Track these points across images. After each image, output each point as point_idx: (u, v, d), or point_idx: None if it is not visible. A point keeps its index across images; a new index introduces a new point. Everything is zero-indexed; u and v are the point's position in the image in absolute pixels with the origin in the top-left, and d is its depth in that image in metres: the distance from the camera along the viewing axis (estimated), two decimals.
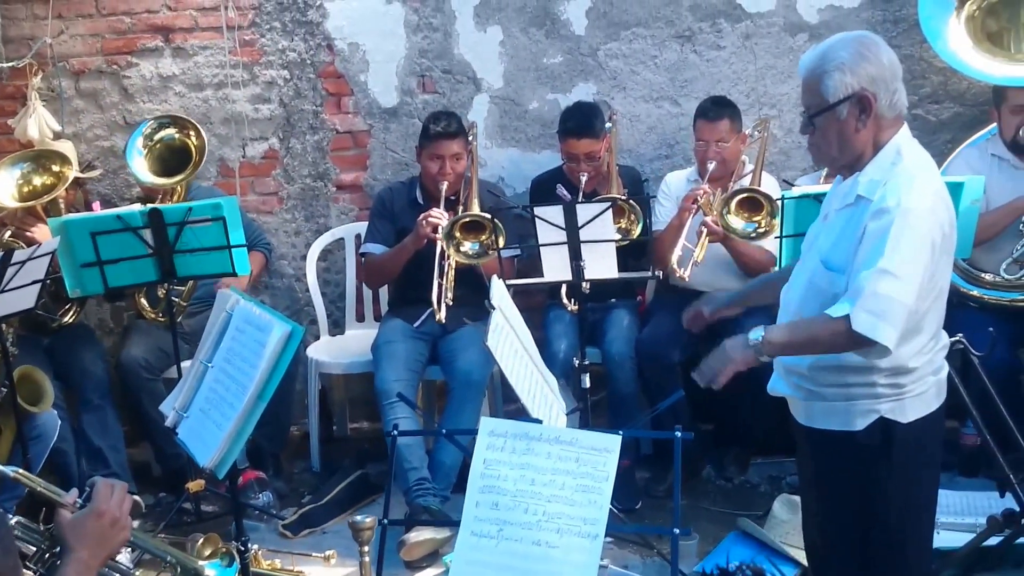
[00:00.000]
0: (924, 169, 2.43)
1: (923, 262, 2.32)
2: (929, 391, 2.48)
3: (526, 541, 2.10)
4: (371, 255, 4.46)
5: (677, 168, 4.64)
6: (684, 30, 4.68)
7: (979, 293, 4.19)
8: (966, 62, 4.26)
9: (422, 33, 4.80)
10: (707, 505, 4.18)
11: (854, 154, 2.45)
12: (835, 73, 2.38)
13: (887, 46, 2.43)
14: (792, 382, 2.57)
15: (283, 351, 2.36)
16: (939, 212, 2.37)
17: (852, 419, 2.47)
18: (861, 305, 2.29)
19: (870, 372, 2.41)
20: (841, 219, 2.46)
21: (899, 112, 2.44)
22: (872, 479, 2.48)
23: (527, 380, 2.81)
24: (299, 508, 4.21)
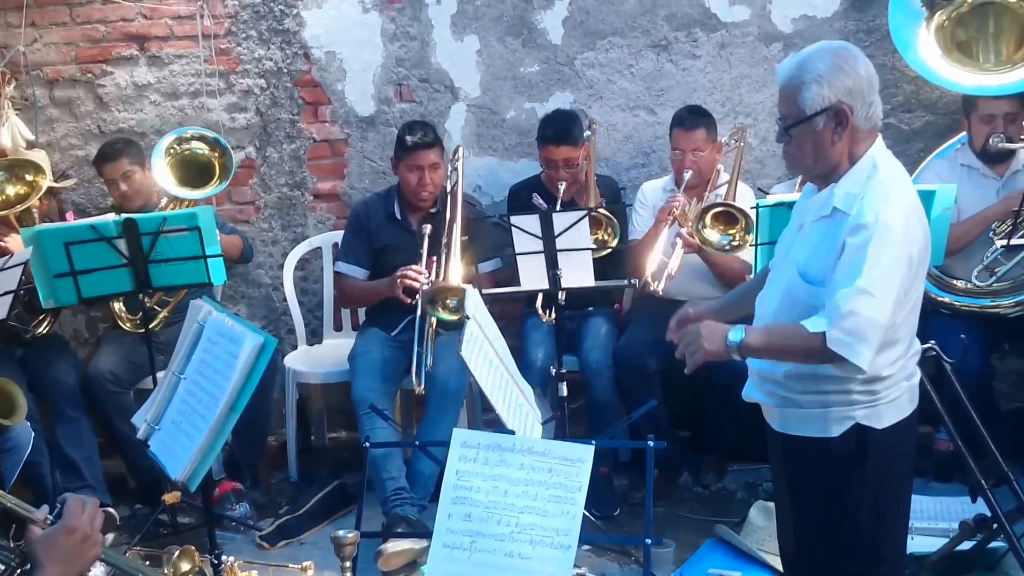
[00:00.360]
0: (899, 182, 2.45)
1: (899, 278, 2.33)
2: (903, 396, 2.50)
3: (499, 552, 2.10)
4: (346, 280, 4.45)
5: (653, 177, 4.65)
6: (660, 39, 4.70)
7: (951, 300, 4.22)
8: (936, 72, 4.30)
9: (399, 42, 4.81)
10: (684, 512, 4.19)
11: (829, 165, 2.46)
12: (812, 85, 2.39)
13: (864, 58, 2.44)
14: (767, 389, 2.58)
15: (255, 363, 2.35)
16: (915, 226, 2.39)
17: (827, 426, 2.48)
18: (838, 324, 2.30)
19: (846, 380, 2.43)
20: (817, 231, 2.47)
21: (875, 124, 2.46)
22: (847, 485, 2.49)
23: (502, 390, 2.81)
24: (276, 519, 4.19)
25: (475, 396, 4.47)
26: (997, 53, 4.38)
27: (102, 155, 4.45)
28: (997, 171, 4.23)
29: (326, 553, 3.84)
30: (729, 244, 4.07)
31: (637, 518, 4.13)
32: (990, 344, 4.22)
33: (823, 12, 4.59)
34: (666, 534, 3.85)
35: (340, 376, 4.49)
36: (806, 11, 4.60)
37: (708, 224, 4.08)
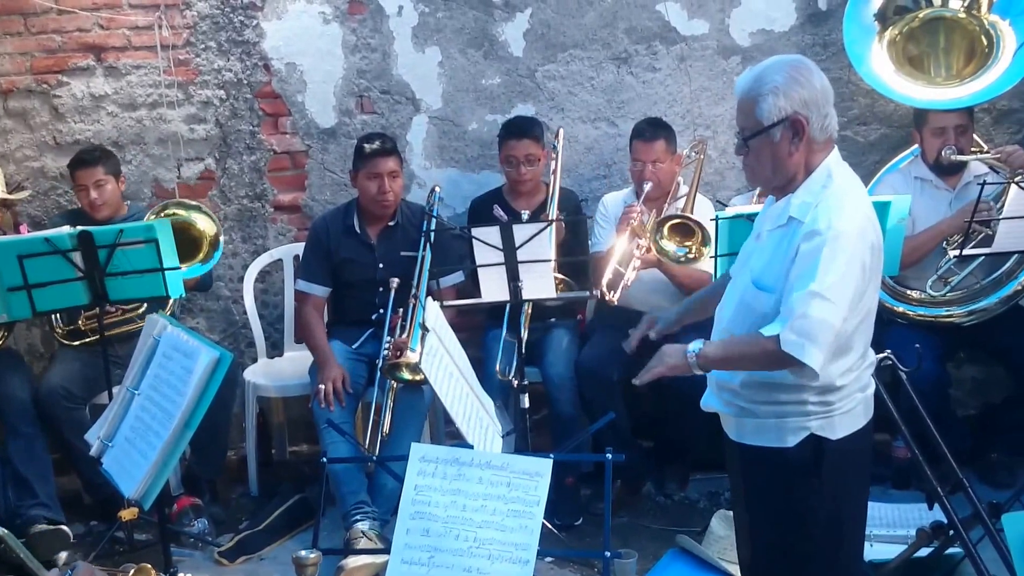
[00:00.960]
0: (853, 191, 2.49)
1: (853, 284, 2.36)
2: (857, 408, 2.53)
3: (457, 568, 2.09)
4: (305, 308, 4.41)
5: (615, 189, 4.68)
6: (620, 52, 4.72)
7: (907, 310, 4.28)
8: (889, 85, 4.37)
9: (360, 53, 4.79)
10: (647, 522, 4.20)
11: (787, 176, 2.49)
12: (769, 97, 2.43)
13: (819, 71, 2.48)
14: (724, 398, 2.60)
15: (211, 378, 2.33)
16: (868, 234, 2.42)
17: (783, 436, 2.50)
18: (791, 327, 2.33)
19: (801, 390, 2.45)
20: (773, 240, 2.50)
21: (830, 135, 2.49)
22: (803, 495, 2.51)
23: (462, 403, 2.81)
24: (236, 534, 4.14)
25: (438, 409, 4.46)
26: (948, 67, 4.47)
27: (78, 160, 4.40)
28: (949, 183, 4.29)
29: (287, 569, 3.77)
30: (685, 256, 4.10)
31: (600, 528, 4.05)
32: (945, 353, 4.28)
33: (780, 26, 4.65)
34: (629, 544, 3.85)
35: (301, 389, 4.46)
36: (763, 25, 4.65)
37: (665, 235, 4.11)
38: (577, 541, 4.06)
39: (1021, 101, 4.56)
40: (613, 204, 4.49)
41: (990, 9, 4.32)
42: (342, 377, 4.15)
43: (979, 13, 4.35)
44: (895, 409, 3.16)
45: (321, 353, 4.27)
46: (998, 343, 4.28)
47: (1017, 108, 4.60)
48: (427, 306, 2.93)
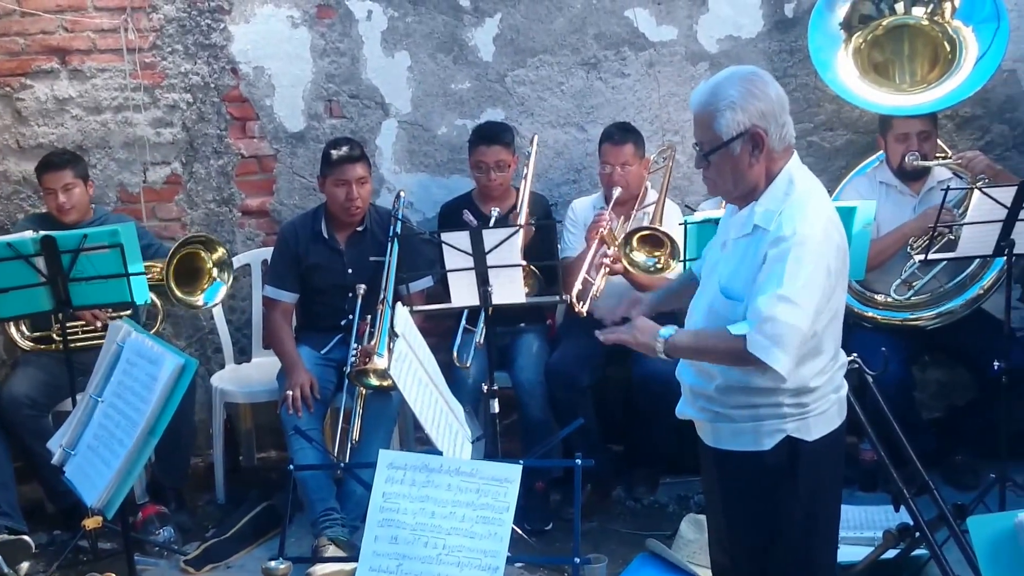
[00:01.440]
0: (815, 196, 2.50)
1: (819, 287, 2.38)
2: (831, 409, 2.55)
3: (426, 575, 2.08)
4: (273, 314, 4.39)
5: (584, 193, 4.69)
6: (590, 58, 4.74)
7: (872, 314, 4.32)
8: (854, 92, 4.40)
9: (329, 58, 4.77)
10: (617, 527, 4.20)
11: (748, 187, 2.51)
12: (727, 112, 2.43)
13: (774, 81, 2.49)
14: (699, 405, 2.61)
15: (176, 385, 2.30)
16: (832, 237, 2.44)
17: (759, 439, 2.51)
18: (758, 329, 2.35)
19: (776, 393, 2.46)
20: (739, 248, 2.51)
21: (788, 143, 2.51)
22: (779, 497, 2.53)
23: (431, 409, 2.79)
24: (202, 542, 4.10)
25: (408, 415, 4.44)
26: (912, 74, 4.51)
27: (46, 163, 4.34)
28: (914, 188, 4.34)
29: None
30: (654, 266, 4.12)
31: (570, 532, 4.04)
32: (911, 356, 4.33)
33: (747, 33, 4.67)
34: (599, 548, 3.86)
35: (269, 395, 4.43)
36: (731, 32, 4.68)
37: (635, 246, 4.13)
38: (547, 546, 4.05)
39: (983, 107, 4.62)
40: (582, 209, 4.50)
41: (953, 16, 4.37)
42: (310, 383, 4.12)
43: (942, 20, 4.40)
44: (862, 412, 3.19)
45: (289, 359, 4.24)
46: (962, 346, 4.33)
47: (979, 114, 4.65)
48: (397, 311, 2.91)
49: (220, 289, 4.29)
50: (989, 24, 4.31)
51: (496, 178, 4.39)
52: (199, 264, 4.26)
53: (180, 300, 4.18)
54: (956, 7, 4.36)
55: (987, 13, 4.31)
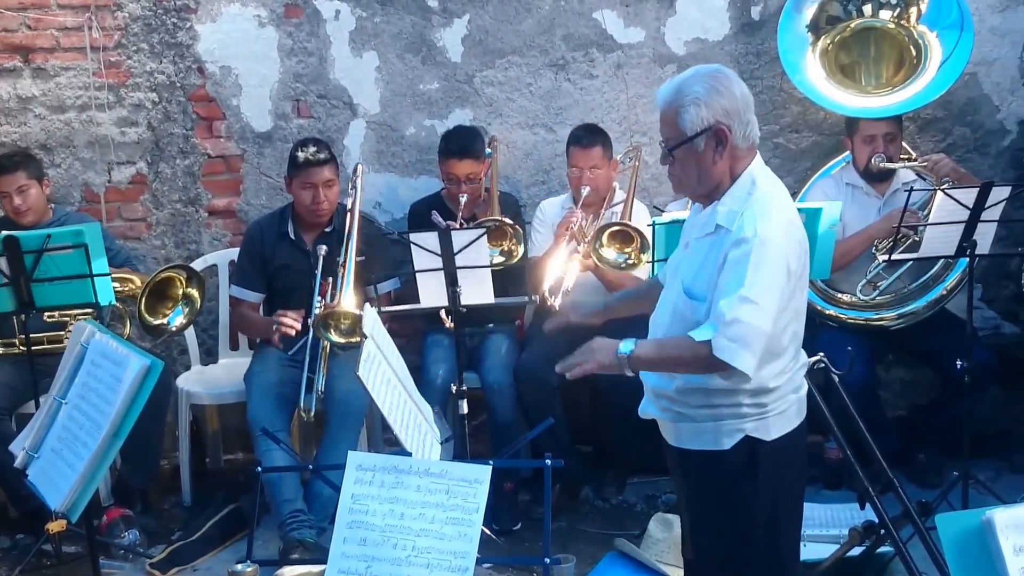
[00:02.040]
0: (777, 197, 2.53)
1: (780, 288, 2.40)
2: (790, 409, 2.57)
3: None
4: (239, 306, 4.38)
5: (553, 194, 4.69)
6: (558, 59, 4.75)
7: (837, 313, 4.36)
8: (821, 94, 4.44)
9: (296, 57, 4.75)
10: (585, 526, 4.21)
11: (712, 184, 2.52)
12: (691, 107, 2.45)
13: (739, 80, 2.52)
14: (661, 405, 2.62)
15: (141, 386, 2.27)
16: (793, 238, 2.46)
17: (719, 439, 2.53)
18: (722, 332, 2.36)
19: (735, 393, 2.48)
20: (702, 248, 2.53)
21: (752, 143, 2.53)
22: (740, 496, 2.54)
23: (400, 410, 2.78)
24: (168, 545, 4.07)
25: (376, 416, 4.43)
26: (877, 76, 4.56)
27: None
28: (879, 190, 4.39)
29: None
30: (625, 262, 4.14)
31: (539, 532, 4.12)
32: (875, 355, 4.38)
33: (715, 36, 4.71)
34: (567, 548, 3.86)
35: (236, 397, 4.40)
36: (698, 34, 4.71)
37: (605, 243, 4.14)
38: (516, 546, 4.06)
39: (945, 110, 4.68)
40: (551, 210, 4.51)
41: (919, 20, 4.42)
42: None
43: (908, 24, 4.44)
44: (827, 411, 3.22)
45: (264, 322, 4.24)
46: (925, 346, 4.38)
47: (941, 117, 4.72)
48: (365, 311, 2.90)
49: (178, 318, 4.22)
50: (953, 30, 4.36)
51: (467, 189, 4.37)
52: (172, 290, 4.20)
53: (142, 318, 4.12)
54: (922, 12, 4.41)
55: (952, 20, 4.37)
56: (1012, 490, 4.09)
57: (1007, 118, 4.77)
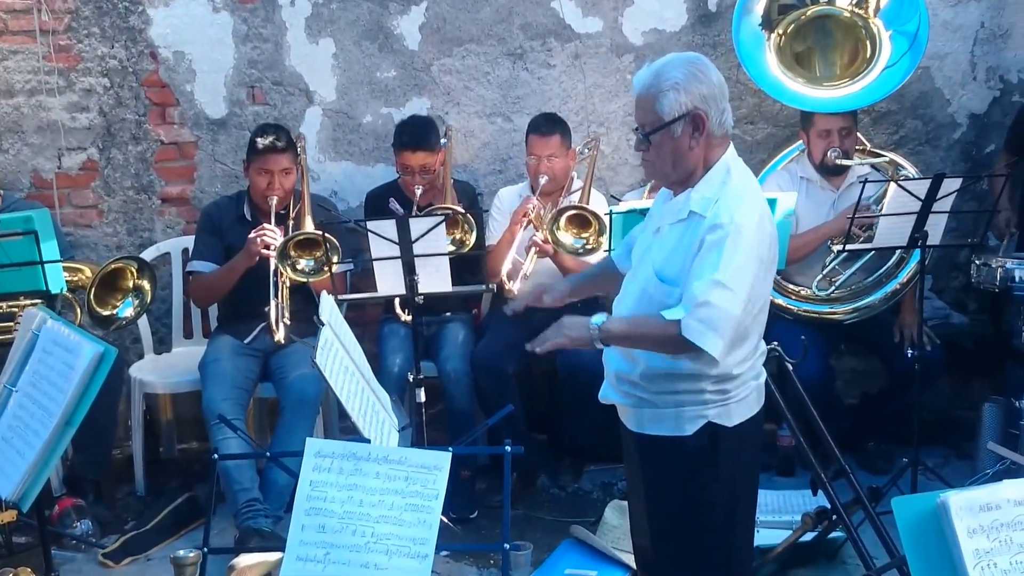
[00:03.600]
0: (751, 187, 2.56)
1: (752, 275, 2.43)
2: (751, 395, 2.60)
3: (354, 564, 2.06)
4: (199, 274, 4.33)
5: (510, 183, 4.70)
6: (516, 48, 4.74)
7: (791, 305, 4.40)
8: (777, 87, 4.43)
9: (251, 43, 4.70)
10: (542, 514, 4.23)
11: (687, 171, 2.54)
12: (670, 92, 2.47)
13: (715, 67, 2.54)
14: (623, 390, 2.63)
15: (94, 374, 2.24)
16: (765, 228, 2.49)
17: (681, 424, 2.55)
18: (693, 313, 2.38)
19: (699, 379, 2.50)
20: (675, 234, 2.54)
21: (726, 131, 2.55)
22: (700, 481, 2.57)
23: (357, 398, 2.78)
24: (121, 535, 4.02)
25: (331, 404, 4.41)
26: (831, 65, 4.55)
27: None
28: (834, 183, 4.43)
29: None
30: (583, 247, 4.15)
31: (495, 520, 4.15)
32: (828, 346, 4.42)
33: (672, 26, 4.73)
34: (524, 536, 3.88)
35: (190, 385, 4.36)
36: (655, 25, 4.73)
37: (562, 227, 4.15)
38: (473, 534, 4.06)
39: (898, 103, 4.74)
40: (508, 198, 4.51)
41: (876, 14, 4.40)
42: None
43: (866, 14, 4.42)
44: (782, 399, 3.27)
45: (229, 263, 4.20)
46: (876, 336, 4.44)
47: (894, 110, 4.79)
48: (322, 299, 2.88)
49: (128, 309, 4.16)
50: (905, 39, 4.36)
51: (421, 180, 4.36)
52: (122, 281, 4.14)
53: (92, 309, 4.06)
54: (881, 6, 4.39)
55: (909, 28, 4.36)
56: (960, 476, 4.16)
57: (958, 111, 4.85)
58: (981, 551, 1.64)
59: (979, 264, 4.14)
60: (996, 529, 1.65)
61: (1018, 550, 1.64)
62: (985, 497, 1.66)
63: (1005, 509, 1.66)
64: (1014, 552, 1.64)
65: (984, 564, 1.63)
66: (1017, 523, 1.65)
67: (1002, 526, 1.65)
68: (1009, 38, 4.79)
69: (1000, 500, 1.66)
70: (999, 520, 1.65)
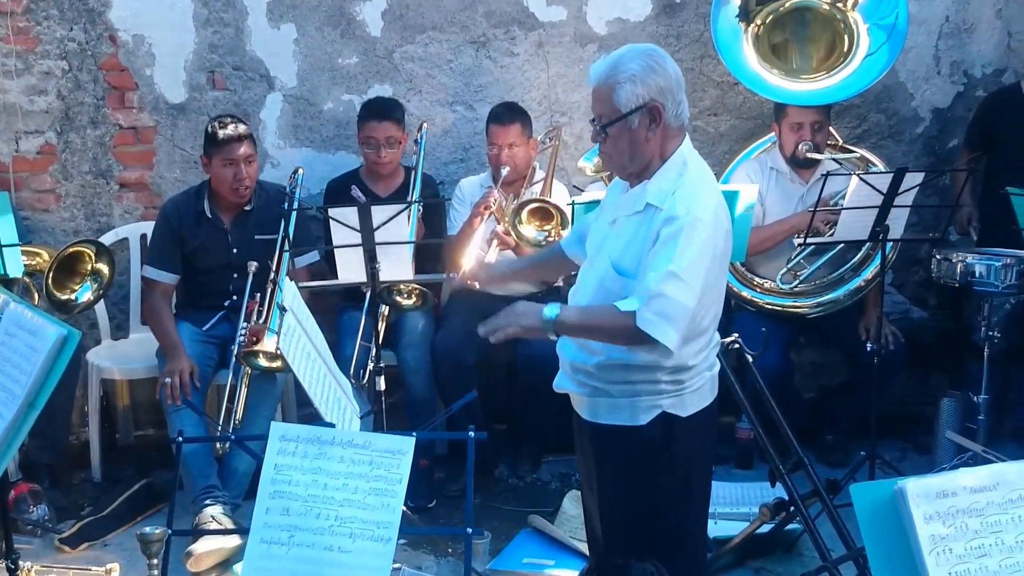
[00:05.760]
0: (706, 180, 2.58)
1: (706, 268, 2.45)
2: (705, 386, 2.63)
3: (318, 547, 2.07)
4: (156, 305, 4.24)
5: (472, 173, 4.69)
6: (479, 36, 4.74)
7: (754, 297, 4.42)
8: (754, 79, 4.42)
9: (212, 28, 4.65)
10: (500, 504, 4.24)
11: (644, 162, 2.56)
12: (627, 84, 2.48)
13: (672, 59, 2.55)
14: (578, 379, 2.65)
15: (58, 357, 2.22)
16: (721, 222, 2.52)
17: (636, 414, 2.57)
18: (648, 305, 2.40)
19: (654, 370, 2.52)
20: (630, 225, 2.56)
21: (683, 123, 2.57)
22: (654, 471, 2.59)
23: (320, 384, 2.78)
24: (78, 520, 3.99)
25: (291, 394, 4.39)
26: (808, 57, 4.56)
27: None
28: (803, 176, 4.45)
29: (131, 555, 3.69)
30: (545, 239, 4.15)
31: (453, 510, 4.16)
32: (789, 341, 4.46)
33: (636, 16, 4.75)
34: (482, 525, 3.87)
35: (147, 372, 4.33)
36: (620, 14, 4.75)
37: (524, 220, 4.15)
38: (431, 523, 4.07)
39: (861, 97, 4.75)
40: (470, 188, 4.51)
41: (855, 7, 4.42)
42: (190, 369, 4.01)
43: (844, 8, 4.43)
44: (741, 391, 3.30)
45: (169, 342, 4.11)
46: (836, 329, 4.48)
47: (857, 104, 4.83)
48: (284, 286, 2.87)
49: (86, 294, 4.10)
50: (883, 32, 4.38)
51: (386, 155, 4.36)
52: (80, 265, 4.09)
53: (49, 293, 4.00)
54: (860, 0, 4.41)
55: (887, 22, 4.38)
56: (917, 469, 4.22)
57: (921, 106, 4.92)
58: (937, 537, 1.66)
59: (940, 259, 4.19)
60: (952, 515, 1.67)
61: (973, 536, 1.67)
62: (942, 484, 1.69)
63: (961, 496, 1.69)
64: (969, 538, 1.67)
65: (940, 550, 1.66)
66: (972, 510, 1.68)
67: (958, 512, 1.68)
68: (974, 32, 4.86)
69: (956, 487, 1.69)
70: (955, 507, 1.68)
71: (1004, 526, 1.69)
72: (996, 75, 4.93)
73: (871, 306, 4.39)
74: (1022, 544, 1.69)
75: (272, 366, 3.92)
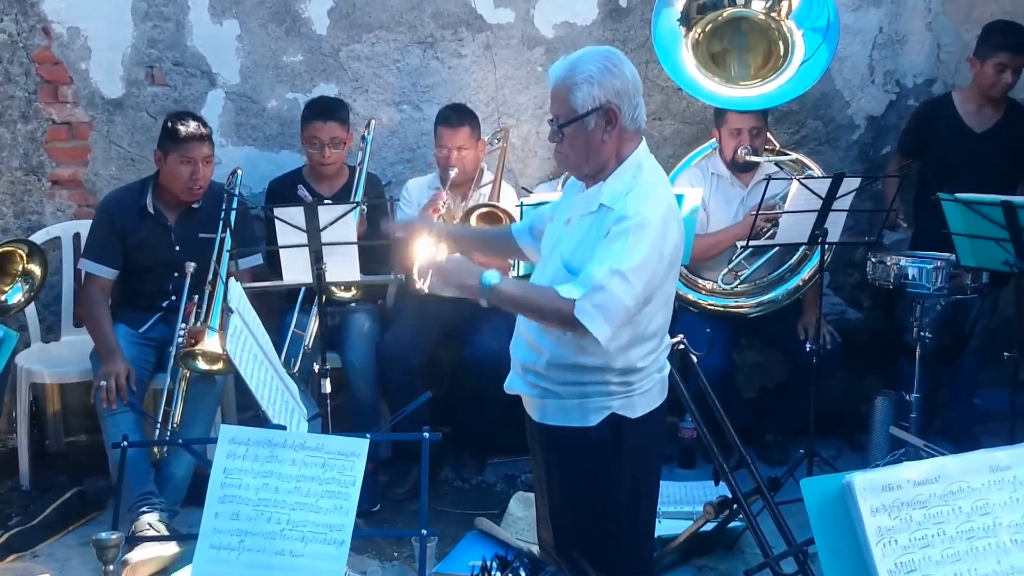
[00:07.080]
0: (660, 183, 2.59)
1: (652, 270, 2.45)
2: (654, 388, 2.64)
3: (269, 551, 2.01)
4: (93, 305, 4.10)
5: (419, 173, 4.66)
6: (427, 36, 4.70)
7: (697, 299, 4.48)
8: (693, 84, 4.48)
9: (152, 22, 4.54)
10: (446, 507, 4.20)
11: (599, 163, 2.56)
12: (584, 85, 2.48)
13: (629, 62, 2.56)
14: (529, 380, 2.64)
15: None
16: (671, 225, 2.52)
17: (585, 416, 2.57)
18: (589, 296, 2.40)
19: (604, 372, 2.53)
20: (584, 225, 2.56)
21: (639, 126, 2.57)
22: (603, 472, 2.59)
23: (267, 386, 2.72)
24: (5, 531, 3.84)
25: (230, 393, 4.31)
26: (746, 66, 4.65)
27: None
28: (743, 180, 4.53)
29: (63, 565, 3.60)
30: None
31: (397, 513, 4.12)
32: (732, 341, 4.53)
33: (583, 20, 4.76)
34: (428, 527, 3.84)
35: (79, 376, 4.20)
36: (567, 18, 4.76)
37: (473, 224, 4.13)
38: (375, 527, 4.02)
39: (799, 103, 4.86)
40: (417, 189, 4.47)
41: (789, 15, 4.50)
42: (126, 373, 3.89)
43: (779, 17, 4.51)
44: (686, 391, 3.32)
45: (106, 344, 3.97)
46: (775, 330, 4.56)
47: (796, 110, 4.92)
48: (230, 286, 2.81)
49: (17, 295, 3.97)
50: (817, 35, 4.46)
51: (330, 155, 4.30)
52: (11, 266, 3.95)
53: None
54: (793, 8, 4.49)
55: (819, 24, 4.46)
56: (852, 466, 4.25)
57: (856, 113, 5.02)
58: (884, 528, 1.72)
59: (875, 261, 4.30)
60: (897, 508, 1.73)
61: (916, 527, 1.73)
62: (887, 478, 1.74)
63: (906, 489, 1.74)
64: (913, 529, 1.72)
65: (886, 541, 1.71)
66: (916, 502, 1.74)
67: (903, 505, 1.73)
68: (905, 43, 4.99)
69: (901, 480, 1.74)
70: (900, 499, 1.73)
71: (945, 517, 1.75)
72: (927, 84, 5.06)
73: (810, 307, 4.47)
74: (962, 535, 1.74)
75: (212, 368, 3.83)
